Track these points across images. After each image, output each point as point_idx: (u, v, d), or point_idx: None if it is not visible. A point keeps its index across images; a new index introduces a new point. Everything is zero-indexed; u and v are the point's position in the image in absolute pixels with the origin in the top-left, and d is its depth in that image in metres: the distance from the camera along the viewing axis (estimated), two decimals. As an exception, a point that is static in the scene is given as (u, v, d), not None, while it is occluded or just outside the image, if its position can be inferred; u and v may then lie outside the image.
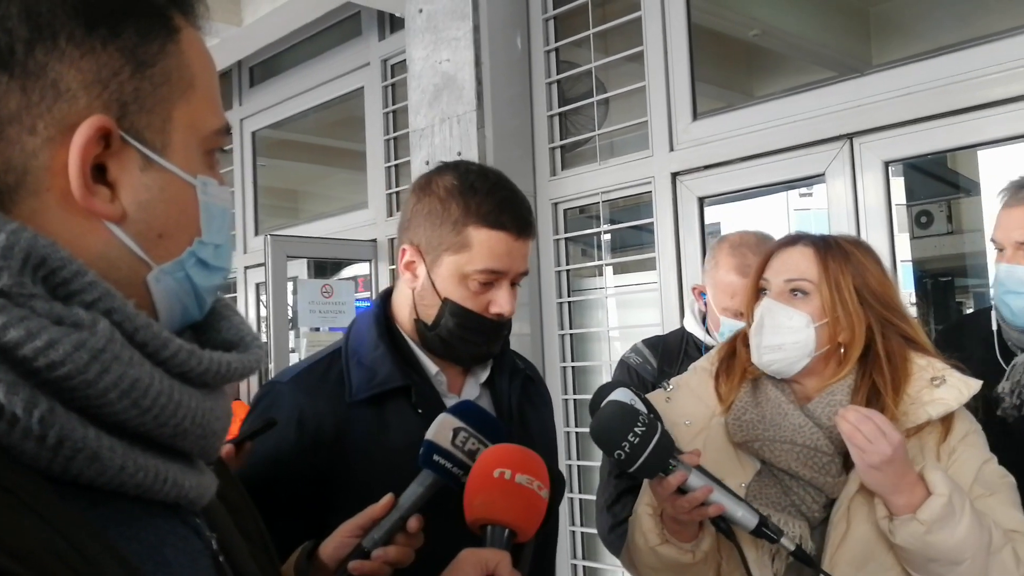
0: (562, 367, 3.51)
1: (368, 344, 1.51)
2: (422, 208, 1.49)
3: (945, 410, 1.48)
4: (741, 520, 1.36)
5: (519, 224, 1.47)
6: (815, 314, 1.53)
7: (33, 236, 0.60)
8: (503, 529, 1.11)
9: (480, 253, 1.44)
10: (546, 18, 3.62)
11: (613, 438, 1.34)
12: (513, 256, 1.47)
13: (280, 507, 1.34)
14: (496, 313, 1.48)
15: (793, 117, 2.87)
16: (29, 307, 0.58)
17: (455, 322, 1.46)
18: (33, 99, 0.63)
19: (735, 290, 2.20)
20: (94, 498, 0.62)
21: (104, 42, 0.65)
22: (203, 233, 0.73)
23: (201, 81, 0.73)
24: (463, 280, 1.45)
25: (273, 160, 6.19)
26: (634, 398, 1.49)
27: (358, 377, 1.47)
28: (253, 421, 1.50)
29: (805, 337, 1.53)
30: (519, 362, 1.69)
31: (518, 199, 1.51)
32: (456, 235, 1.44)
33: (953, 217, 5.54)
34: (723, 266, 2.29)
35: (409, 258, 1.50)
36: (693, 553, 1.48)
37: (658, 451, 1.33)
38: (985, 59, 2.47)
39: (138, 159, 0.68)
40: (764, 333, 1.55)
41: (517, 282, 1.52)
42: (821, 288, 1.54)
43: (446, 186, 1.48)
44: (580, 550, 3.49)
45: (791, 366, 1.55)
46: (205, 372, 0.68)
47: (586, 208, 3.58)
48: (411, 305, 1.52)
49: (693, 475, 1.35)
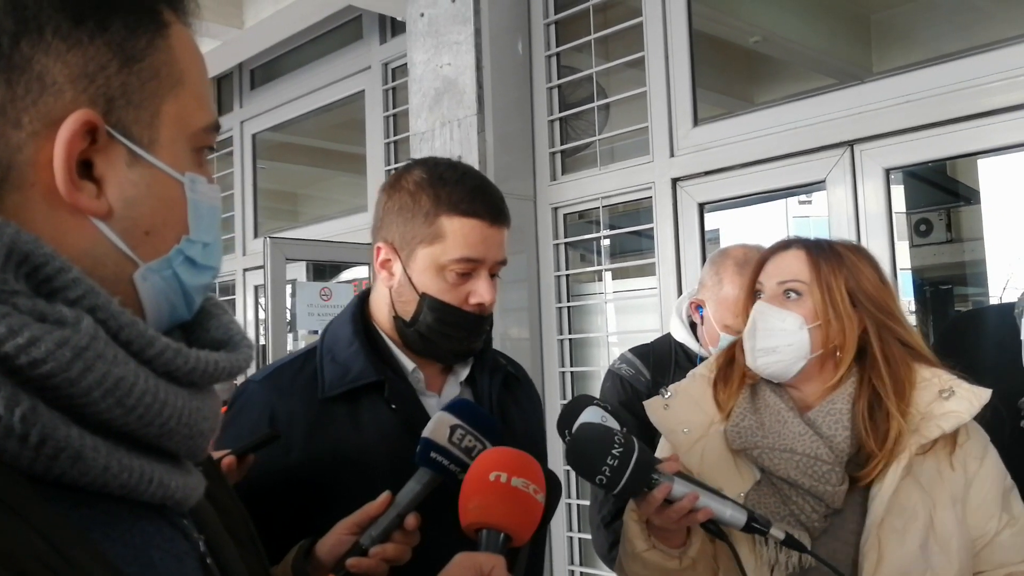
0: (560, 372, 3.50)
1: (343, 341, 1.49)
2: (393, 205, 1.47)
3: (957, 423, 1.46)
4: (730, 520, 1.33)
5: (492, 211, 1.45)
6: (808, 316, 1.52)
7: (16, 232, 0.59)
8: (498, 533, 1.11)
9: (455, 242, 1.41)
10: (547, 23, 3.61)
11: (591, 465, 1.31)
12: (488, 244, 1.44)
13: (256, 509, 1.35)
14: (476, 304, 1.45)
15: (794, 124, 2.87)
16: (11, 304, 0.57)
17: (434, 316, 1.44)
18: (18, 92, 0.62)
19: (740, 309, 2.15)
20: (78, 499, 0.60)
21: (91, 36, 0.64)
22: (191, 231, 0.72)
23: (190, 77, 0.71)
24: (440, 272, 1.43)
25: (273, 163, 6.19)
26: (604, 415, 1.46)
27: (331, 373, 1.45)
28: (227, 423, 1.46)
29: (799, 339, 1.51)
30: (501, 360, 1.66)
31: (489, 187, 1.49)
32: (429, 226, 1.42)
33: (952, 225, 5.53)
34: (728, 283, 2.22)
35: (384, 256, 1.48)
36: (680, 559, 1.46)
37: (639, 470, 1.30)
38: (986, 67, 2.47)
39: (125, 155, 0.67)
40: (757, 336, 1.54)
41: (496, 272, 1.50)
42: (813, 289, 1.52)
43: (415, 180, 1.46)
44: (577, 556, 3.47)
45: (787, 369, 1.53)
46: (192, 371, 0.67)
47: (586, 213, 3.58)
48: (389, 303, 1.50)
49: (677, 484, 1.33)
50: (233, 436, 1.39)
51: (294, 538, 1.25)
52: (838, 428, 1.49)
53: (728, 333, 2.17)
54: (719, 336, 2.21)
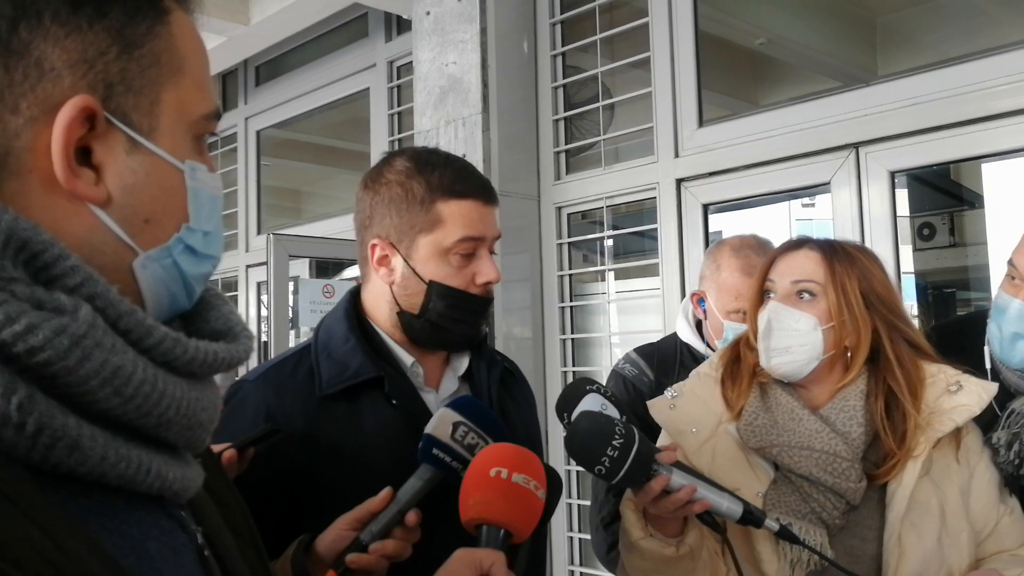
0: (563, 371, 3.49)
1: (339, 338, 1.47)
2: (381, 199, 1.46)
3: (969, 415, 1.48)
4: (727, 512, 1.34)
5: (483, 190, 1.46)
6: (822, 317, 1.52)
7: (14, 218, 0.59)
8: (499, 529, 1.10)
9: (455, 224, 1.42)
10: (553, 22, 3.61)
11: (591, 455, 1.31)
12: (486, 221, 1.45)
13: (256, 504, 1.34)
14: (483, 283, 1.45)
15: (799, 126, 2.86)
16: (9, 291, 0.57)
17: (444, 303, 1.44)
18: (16, 78, 0.62)
19: (740, 290, 2.15)
20: (75, 489, 0.60)
21: (90, 21, 0.64)
22: (191, 219, 0.71)
23: (191, 64, 0.71)
24: (444, 256, 1.43)
25: (277, 159, 6.19)
26: (605, 403, 1.46)
27: (328, 371, 1.43)
28: (220, 425, 1.45)
29: (813, 340, 1.52)
30: (497, 356, 1.66)
31: (473, 169, 1.51)
32: (426, 213, 1.42)
33: (956, 229, 5.52)
34: (726, 268, 2.24)
35: (380, 252, 1.47)
36: (677, 547, 1.46)
37: (639, 461, 1.30)
38: (991, 71, 2.46)
39: (124, 142, 0.66)
40: (772, 336, 1.54)
41: (493, 250, 1.50)
42: (828, 290, 1.53)
43: (400, 170, 1.46)
44: (578, 556, 3.47)
45: (800, 369, 1.54)
46: (191, 361, 0.66)
47: (589, 213, 3.57)
48: (390, 300, 1.48)
49: (675, 475, 1.34)
50: (227, 437, 1.36)
51: (293, 533, 1.25)
52: (852, 424, 1.50)
53: (731, 320, 2.18)
54: (723, 326, 2.22)
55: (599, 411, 1.42)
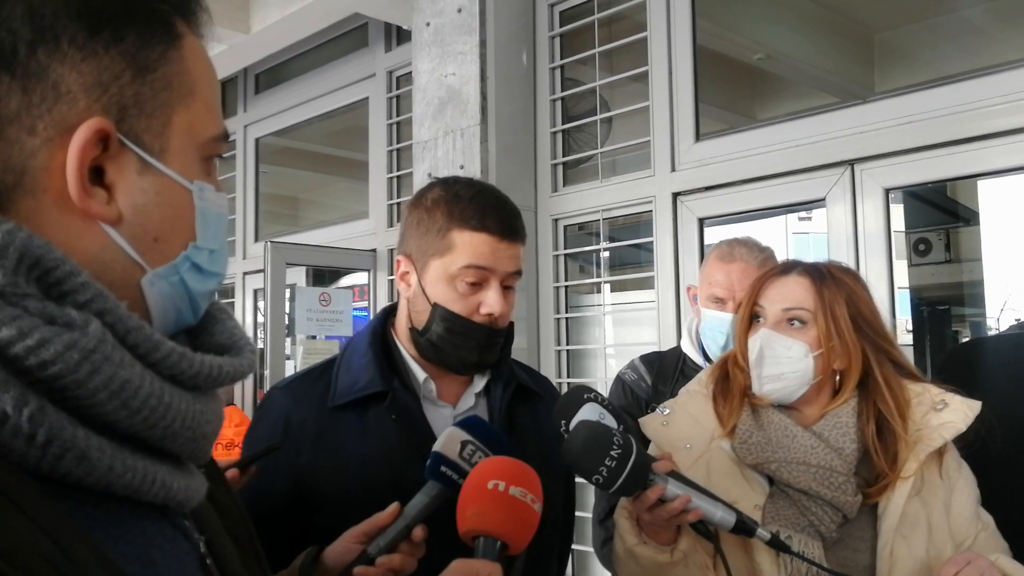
0: (558, 383, 3.50)
1: (359, 352, 1.55)
2: (413, 220, 1.54)
3: (955, 432, 1.51)
4: (720, 522, 1.36)
5: (502, 226, 1.48)
6: (812, 343, 1.55)
7: (28, 236, 0.60)
8: (495, 541, 1.11)
9: (463, 252, 1.46)
10: (552, 35, 3.63)
11: (589, 464, 1.33)
12: (498, 256, 1.48)
13: (270, 512, 1.40)
14: (487, 314, 1.48)
15: (795, 141, 2.88)
16: (22, 307, 0.58)
17: (444, 326, 1.48)
18: (34, 100, 0.63)
19: (714, 276, 2.24)
20: (82, 498, 0.61)
21: (106, 46, 0.65)
22: (198, 238, 0.73)
23: (201, 88, 0.73)
24: (451, 281, 1.47)
25: (275, 167, 6.21)
26: (603, 412, 1.47)
27: (343, 383, 1.52)
28: (250, 428, 1.55)
29: (804, 367, 1.54)
30: (522, 373, 1.69)
31: (503, 205, 1.53)
32: (441, 239, 1.48)
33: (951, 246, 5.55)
34: (708, 260, 2.33)
35: (403, 268, 1.55)
36: (671, 553, 1.48)
37: (636, 470, 1.33)
38: (988, 90, 2.48)
39: (136, 162, 0.68)
40: (764, 364, 1.57)
41: (510, 284, 1.52)
42: (818, 317, 1.55)
43: (433, 198, 1.52)
44: (571, 567, 3.47)
45: (791, 394, 1.57)
46: (196, 375, 0.68)
47: (586, 225, 3.59)
48: (406, 314, 1.56)
49: (671, 485, 1.36)
50: (254, 440, 1.52)
51: (296, 543, 1.26)
52: (845, 441, 1.53)
53: (708, 307, 2.24)
54: (702, 314, 2.29)
55: (597, 420, 1.43)
